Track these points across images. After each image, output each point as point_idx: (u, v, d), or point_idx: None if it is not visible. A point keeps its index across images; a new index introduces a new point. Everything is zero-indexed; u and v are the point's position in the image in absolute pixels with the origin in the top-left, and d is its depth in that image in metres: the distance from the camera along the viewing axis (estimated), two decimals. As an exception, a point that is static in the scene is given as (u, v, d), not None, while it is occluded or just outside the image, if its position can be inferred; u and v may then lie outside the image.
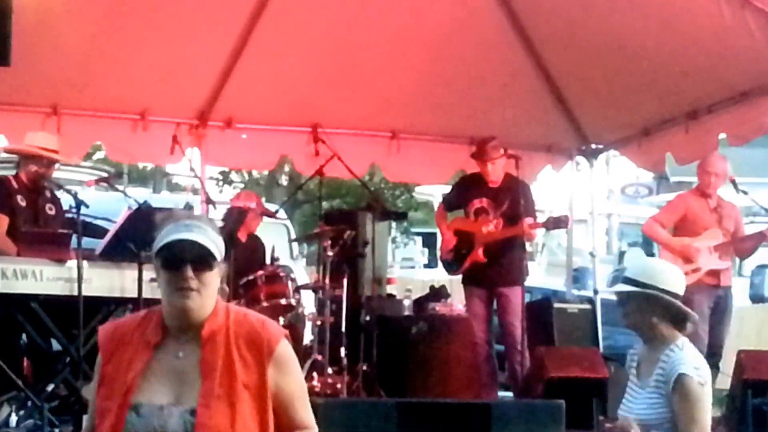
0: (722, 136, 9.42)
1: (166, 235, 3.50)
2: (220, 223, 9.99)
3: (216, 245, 3.53)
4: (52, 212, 8.33)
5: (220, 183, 27.32)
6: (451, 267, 9.59)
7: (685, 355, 4.72)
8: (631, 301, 4.84)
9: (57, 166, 8.54)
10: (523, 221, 9.10)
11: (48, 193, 8.39)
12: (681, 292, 4.83)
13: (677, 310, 4.78)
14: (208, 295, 3.52)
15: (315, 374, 8.51)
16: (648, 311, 4.79)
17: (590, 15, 8.80)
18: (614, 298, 5.05)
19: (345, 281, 8.91)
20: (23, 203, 8.15)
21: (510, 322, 9.19)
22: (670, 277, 4.84)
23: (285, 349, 3.61)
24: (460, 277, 9.58)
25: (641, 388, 4.84)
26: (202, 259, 3.49)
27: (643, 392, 4.81)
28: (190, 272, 3.46)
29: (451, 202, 9.91)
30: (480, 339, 9.23)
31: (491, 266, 9.23)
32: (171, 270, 3.48)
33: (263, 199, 11.55)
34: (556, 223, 9.40)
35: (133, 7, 8.69)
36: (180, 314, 3.52)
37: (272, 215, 10.44)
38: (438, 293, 9.74)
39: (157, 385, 3.48)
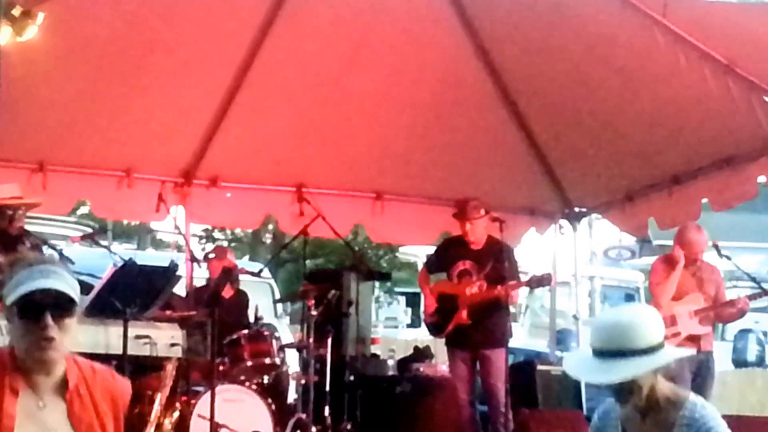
0: (705, 200, 9.47)
1: (22, 283, 3.32)
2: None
3: (74, 290, 3.39)
4: None
5: (203, 240, 27.28)
6: (435, 330, 9.56)
7: (712, 413, 3.94)
8: (630, 382, 3.89)
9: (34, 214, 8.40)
10: (506, 284, 9.08)
11: (26, 242, 8.25)
12: (664, 331, 3.96)
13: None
14: (67, 341, 3.40)
15: (298, 433, 8.49)
16: (649, 380, 3.92)
17: (575, 81, 8.88)
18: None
19: (329, 340, 8.86)
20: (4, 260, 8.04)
21: (493, 384, 9.14)
22: (650, 323, 3.92)
23: None
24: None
25: None
26: (62, 306, 3.34)
27: None
28: (50, 320, 3.30)
29: (434, 265, 9.84)
30: (463, 400, 9.18)
31: (475, 328, 9.17)
32: (30, 319, 3.30)
33: (247, 257, 11.55)
34: (539, 281, 9.38)
35: (119, 65, 8.72)
36: (41, 364, 3.38)
37: (255, 275, 10.44)
38: (422, 354, 9.73)
39: None
